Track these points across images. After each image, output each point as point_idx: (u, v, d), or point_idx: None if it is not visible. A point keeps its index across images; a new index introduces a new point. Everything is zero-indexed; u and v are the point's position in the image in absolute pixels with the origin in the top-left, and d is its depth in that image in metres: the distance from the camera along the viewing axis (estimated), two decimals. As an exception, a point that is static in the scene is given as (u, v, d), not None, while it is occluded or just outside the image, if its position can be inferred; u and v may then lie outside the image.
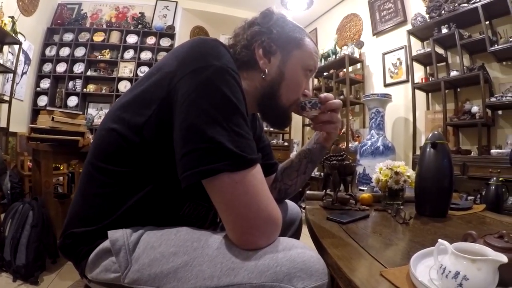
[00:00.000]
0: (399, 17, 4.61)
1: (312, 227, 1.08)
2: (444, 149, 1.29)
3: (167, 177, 0.77)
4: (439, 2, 3.66)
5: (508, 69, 3.29)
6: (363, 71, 5.23)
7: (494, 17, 3.30)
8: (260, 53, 0.96)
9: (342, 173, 1.39)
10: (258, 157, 0.73)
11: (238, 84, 0.76)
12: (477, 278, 0.53)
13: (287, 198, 1.30)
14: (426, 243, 0.91)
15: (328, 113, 1.07)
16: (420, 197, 1.32)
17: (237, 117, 0.71)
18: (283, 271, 0.64)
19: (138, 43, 5.98)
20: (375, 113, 4.06)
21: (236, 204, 0.68)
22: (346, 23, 5.72)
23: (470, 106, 3.37)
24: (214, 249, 0.70)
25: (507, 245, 0.63)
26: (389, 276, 0.66)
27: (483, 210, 1.47)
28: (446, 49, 3.87)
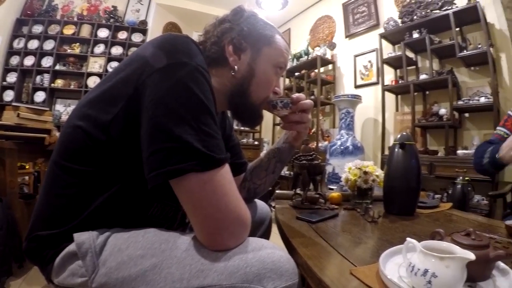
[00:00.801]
0: (372, 20, 4.68)
1: (281, 226, 1.07)
2: (412, 149, 1.31)
3: (134, 177, 0.75)
4: (411, 7, 3.76)
5: (476, 74, 3.41)
6: (335, 72, 5.29)
7: (465, 24, 3.42)
8: (230, 50, 0.94)
9: (311, 173, 1.39)
10: (226, 156, 0.72)
11: (207, 82, 0.74)
12: (446, 275, 0.54)
13: (256, 197, 1.29)
14: (394, 241, 0.92)
15: (299, 113, 1.07)
16: (389, 196, 1.33)
17: (205, 116, 0.70)
18: (253, 272, 0.63)
19: (109, 37, 5.77)
20: (345, 114, 4.13)
21: (204, 204, 0.67)
22: (320, 25, 5.76)
23: (438, 109, 3.47)
24: (182, 251, 0.68)
25: (474, 242, 0.64)
26: (359, 274, 0.65)
27: (450, 208, 1.51)
28: (416, 53, 3.98)
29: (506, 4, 3.05)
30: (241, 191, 1.21)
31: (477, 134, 3.31)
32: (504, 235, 1.05)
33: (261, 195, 1.28)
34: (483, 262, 0.61)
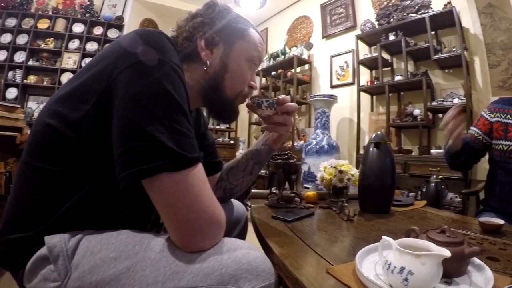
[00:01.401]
0: (349, 22, 4.75)
1: (257, 226, 1.06)
2: (387, 148, 1.33)
3: (106, 177, 0.73)
4: (388, 10, 3.83)
5: (450, 76, 3.53)
6: (311, 72, 5.34)
7: (440, 28, 3.52)
8: (202, 44, 0.92)
9: (287, 172, 1.39)
10: (199, 156, 0.70)
11: (181, 79, 0.73)
12: (422, 273, 0.54)
13: (232, 197, 1.27)
14: (370, 239, 0.93)
15: (283, 115, 1.05)
16: (364, 194, 1.35)
17: (178, 114, 0.68)
18: (228, 273, 0.62)
19: (84, 33, 5.57)
20: (321, 113, 4.17)
21: (177, 205, 0.65)
22: (297, 25, 5.80)
23: (413, 109, 3.56)
24: (156, 253, 0.67)
25: (449, 239, 0.65)
26: (335, 273, 0.65)
27: (424, 206, 1.54)
28: (392, 55, 4.06)
29: (481, 10, 3.15)
30: (217, 191, 1.20)
31: None
32: (477, 232, 1.08)
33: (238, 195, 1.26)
34: (458, 259, 0.62)
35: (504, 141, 1.56)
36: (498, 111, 1.64)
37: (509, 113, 1.59)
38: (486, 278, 0.61)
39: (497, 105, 1.66)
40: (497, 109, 1.65)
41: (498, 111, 1.63)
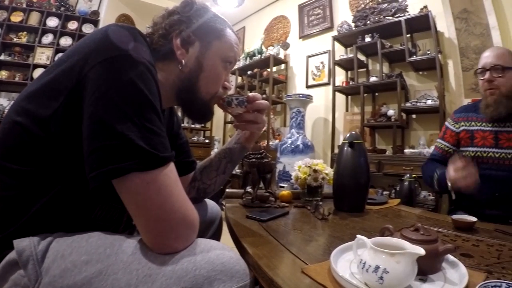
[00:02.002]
0: (326, 23, 4.79)
1: (231, 226, 1.04)
2: (361, 148, 1.34)
3: (76, 177, 0.70)
4: (365, 12, 3.89)
5: (424, 78, 3.64)
6: (287, 72, 5.36)
7: (415, 31, 3.62)
8: (178, 43, 0.89)
9: (261, 171, 1.37)
10: (171, 155, 0.69)
11: (153, 76, 0.71)
12: (397, 271, 0.54)
13: (206, 197, 1.26)
14: (345, 237, 0.93)
15: (254, 113, 1.04)
16: (338, 193, 1.35)
17: (149, 112, 0.67)
18: (202, 275, 0.60)
19: (58, 27, 5.36)
20: (296, 113, 4.20)
21: (148, 206, 0.63)
22: (275, 24, 5.81)
23: (387, 110, 3.63)
24: (128, 255, 0.64)
25: (423, 237, 0.66)
26: (310, 272, 0.64)
27: (398, 204, 1.57)
28: (367, 56, 4.13)
29: (457, 15, 3.26)
30: (191, 191, 1.18)
31: (423, 134, 3.52)
32: (450, 229, 1.10)
33: (212, 195, 1.25)
34: (432, 256, 0.63)
35: (471, 148, 1.61)
36: (462, 120, 1.69)
37: (473, 120, 1.65)
38: (461, 274, 0.62)
39: (460, 115, 1.72)
40: (460, 118, 1.71)
41: (462, 120, 1.69)
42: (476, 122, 1.63)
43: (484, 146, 1.56)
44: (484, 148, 1.56)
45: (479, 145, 1.58)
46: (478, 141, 1.58)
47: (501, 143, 1.52)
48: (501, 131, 1.53)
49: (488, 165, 1.53)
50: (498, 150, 1.52)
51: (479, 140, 1.58)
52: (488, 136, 1.56)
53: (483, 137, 1.57)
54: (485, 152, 1.54)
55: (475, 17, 3.14)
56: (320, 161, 1.51)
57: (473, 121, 1.65)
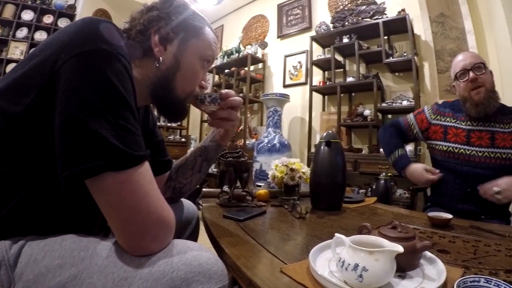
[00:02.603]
0: (305, 23, 4.84)
1: (208, 226, 1.02)
2: (338, 147, 1.35)
3: (48, 178, 0.67)
4: (344, 14, 3.96)
5: (400, 79, 3.75)
6: (264, 71, 5.38)
7: (393, 33, 3.71)
8: (156, 39, 0.87)
9: (238, 170, 1.36)
10: (146, 154, 0.66)
11: (127, 72, 0.68)
12: (376, 269, 0.54)
13: (182, 197, 1.23)
14: (323, 236, 0.92)
15: (227, 110, 1.03)
16: (315, 192, 1.35)
17: (123, 109, 0.64)
18: (180, 277, 0.59)
19: (33, 21, 5.15)
20: (273, 112, 4.22)
21: (122, 206, 0.61)
22: (253, 23, 5.81)
23: (363, 110, 3.71)
24: (103, 258, 0.62)
25: (401, 234, 0.67)
26: (289, 272, 0.63)
27: (375, 202, 1.59)
28: (345, 57, 4.20)
29: (433, 19, 3.37)
30: (166, 191, 1.16)
31: None
32: (427, 226, 1.12)
33: (188, 194, 1.23)
34: (411, 253, 0.63)
35: (444, 142, 1.67)
36: (439, 113, 1.75)
37: (448, 116, 1.72)
38: (439, 270, 0.63)
39: (439, 108, 1.77)
40: (438, 111, 1.76)
41: (439, 114, 1.75)
42: (451, 118, 1.70)
43: (456, 142, 1.62)
44: (456, 144, 1.62)
45: (451, 141, 1.64)
46: (451, 137, 1.65)
47: (472, 141, 1.58)
48: (473, 129, 1.60)
49: (459, 161, 1.60)
50: (469, 147, 1.58)
51: (452, 136, 1.65)
52: (461, 134, 1.62)
53: (456, 134, 1.64)
54: (457, 148, 1.61)
55: (451, 21, 3.26)
56: (297, 160, 1.52)
57: (449, 117, 1.71)
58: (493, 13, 2.98)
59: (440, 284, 0.56)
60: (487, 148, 1.54)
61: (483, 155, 1.55)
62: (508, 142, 1.52)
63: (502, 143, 1.53)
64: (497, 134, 1.55)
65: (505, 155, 1.51)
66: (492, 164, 1.53)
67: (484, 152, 1.55)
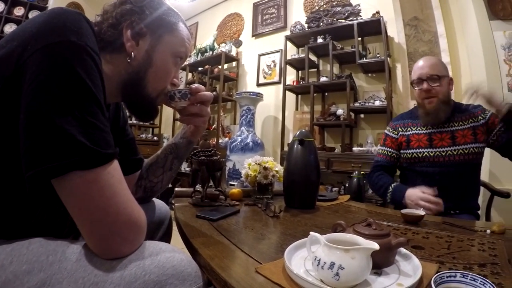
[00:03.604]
0: (280, 22, 4.86)
1: (181, 226, 1.00)
2: (311, 145, 1.35)
3: (13, 178, 0.64)
4: (319, 14, 3.99)
5: (372, 80, 3.83)
6: (238, 69, 5.35)
7: (367, 35, 3.78)
8: (128, 34, 0.83)
9: (210, 169, 1.34)
10: (115, 152, 0.64)
11: (97, 66, 0.65)
12: (352, 266, 0.54)
13: (154, 196, 1.20)
14: (297, 234, 0.92)
15: (198, 105, 1.02)
16: (289, 190, 1.35)
17: (91, 105, 0.61)
18: (152, 280, 0.57)
19: (4, 12, 4.88)
20: (246, 111, 4.21)
21: (91, 207, 0.59)
22: (228, 21, 5.77)
23: (336, 109, 3.76)
24: (73, 262, 0.60)
25: (376, 232, 0.67)
26: (264, 272, 0.63)
27: (348, 200, 1.61)
28: (319, 57, 4.25)
29: (407, 22, 3.48)
30: (137, 190, 1.12)
31: (371, 133, 3.69)
32: (400, 223, 1.15)
33: (160, 194, 1.20)
34: (386, 250, 0.64)
35: (408, 150, 1.74)
36: (399, 126, 1.84)
37: (408, 126, 1.80)
38: (414, 266, 0.64)
39: (397, 122, 1.87)
40: (397, 125, 1.85)
41: (399, 127, 1.83)
42: (412, 127, 1.78)
43: (420, 147, 1.70)
44: (419, 149, 1.69)
45: (415, 147, 1.71)
46: (414, 144, 1.72)
47: (434, 143, 1.67)
48: (434, 132, 1.69)
49: (424, 163, 1.68)
50: (432, 149, 1.66)
51: (415, 142, 1.72)
52: (423, 138, 1.71)
53: (418, 139, 1.72)
54: (421, 153, 1.68)
55: (424, 24, 3.37)
56: (270, 158, 1.52)
57: (409, 126, 1.79)
58: (465, 18, 3.11)
59: (417, 280, 0.57)
60: (449, 147, 1.63)
61: (446, 154, 1.63)
62: (468, 137, 1.61)
63: (463, 139, 1.62)
64: (457, 132, 1.64)
65: (467, 150, 1.60)
66: (456, 161, 1.61)
67: (447, 151, 1.63)
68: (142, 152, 1.18)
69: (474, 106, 1.68)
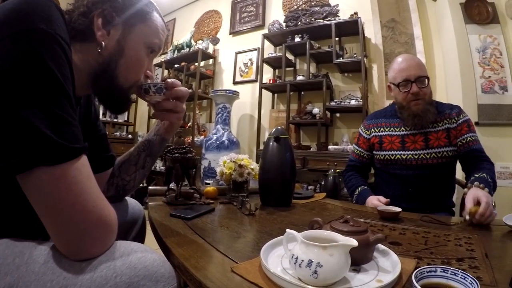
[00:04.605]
0: (258, 21, 4.86)
1: (155, 225, 0.97)
2: (287, 143, 1.34)
3: None
4: (297, 14, 4.02)
5: (348, 79, 3.90)
6: (215, 67, 5.32)
7: (344, 35, 3.85)
8: (99, 23, 0.79)
9: (185, 166, 1.31)
10: (83, 146, 0.60)
11: (66, 56, 0.61)
12: (331, 264, 0.53)
13: (126, 195, 1.16)
14: (274, 232, 0.91)
15: (173, 101, 0.98)
16: (265, 188, 1.34)
17: (59, 97, 0.58)
18: (124, 281, 0.55)
19: None
20: (222, 109, 4.20)
21: (58, 206, 0.56)
22: (206, 18, 5.72)
23: (312, 108, 3.80)
24: (41, 264, 0.57)
25: (353, 228, 0.67)
26: (240, 271, 0.61)
27: (324, 198, 1.61)
28: (296, 56, 4.27)
29: (384, 24, 3.57)
30: (109, 189, 1.08)
31: (346, 132, 3.74)
32: (376, 219, 1.15)
33: (135, 193, 1.17)
34: (364, 246, 0.63)
35: (380, 152, 1.72)
36: (372, 126, 1.80)
37: (381, 126, 1.77)
38: (393, 262, 0.64)
39: (370, 121, 1.83)
40: (371, 125, 1.81)
41: (372, 127, 1.80)
42: (385, 127, 1.75)
43: (392, 149, 1.67)
44: (392, 151, 1.67)
45: (387, 149, 1.69)
46: (386, 146, 1.69)
47: (407, 146, 1.64)
48: (407, 134, 1.66)
49: (397, 165, 1.65)
50: (405, 152, 1.63)
51: (387, 144, 1.69)
52: (396, 141, 1.68)
53: (391, 141, 1.69)
54: (393, 155, 1.66)
55: (401, 27, 3.48)
56: (245, 156, 1.50)
57: (382, 127, 1.76)
58: (441, 21, 3.21)
59: (396, 276, 0.56)
60: (422, 150, 1.60)
61: (419, 157, 1.60)
62: (442, 140, 1.59)
63: (436, 142, 1.59)
64: (430, 134, 1.61)
65: (440, 154, 1.58)
66: (429, 164, 1.59)
67: (420, 155, 1.60)
68: (116, 151, 1.14)
69: (451, 106, 1.67)
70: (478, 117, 2.69)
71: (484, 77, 2.76)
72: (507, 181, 2.64)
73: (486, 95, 2.73)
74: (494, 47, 2.77)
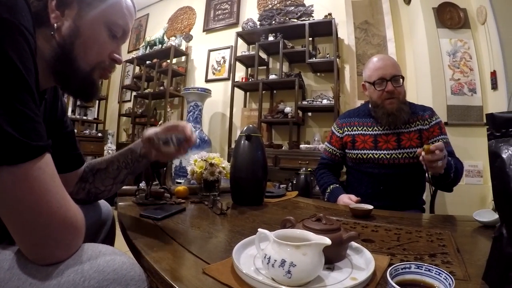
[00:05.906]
0: (232, 19, 4.85)
1: (124, 227, 0.94)
2: (258, 141, 1.34)
3: None
4: (272, 13, 4.04)
5: (321, 79, 3.96)
6: (187, 64, 5.26)
7: (318, 35, 3.91)
8: (52, 5, 0.73)
9: (154, 165, 1.29)
10: (46, 144, 0.57)
11: (30, 48, 0.57)
12: (305, 263, 0.53)
13: (98, 200, 1.12)
14: (246, 232, 0.90)
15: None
16: (236, 187, 1.33)
17: (21, 92, 0.54)
18: (92, 286, 0.53)
19: None
20: (194, 107, 4.17)
21: (20, 207, 0.53)
22: (180, 15, 5.65)
23: (284, 107, 3.83)
24: (5, 270, 0.56)
25: (326, 226, 0.66)
26: (212, 272, 0.60)
27: (296, 196, 1.61)
28: (269, 55, 4.29)
29: (358, 25, 3.66)
30: (79, 192, 1.02)
31: (318, 131, 3.80)
32: (349, 217, 1.16)
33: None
34: (338, 244, 0.63)
35: (353, 151, 1.74)
36: (345, 125, 1.82)
37: (355, 125, 1.79)
38: (366, 259, 0.64)
39: (344, 120, 1.85)
40: (344, 124, 1.83)
41: (345, 126, 1.82)
42: (358, 127, 1.77)
43: (365, 149, 1.69)
44: (364, 150, 1.69)
45: (359, 148, 1.71)
46: (359, 145, 1.72)
47: (380, 145, 1.67)
48: (380, 134, 1.69)
49: (369, 164, 1.68)
50: (377, 151, 1.66)
51: (360, 143, 1.72)
52: (368, 140, 1.70)
53: (364, 140, 1.71)
54: (365, 154, 1.68)
55: (374, 29, 3.58)
56: (216, 154, 1.48)
57: (355, 126, 1.78)
58: (414, 24, 3.30)
59: (370, 273, 0.57)
60: (394, 150, 1.63)
61: (391, 157, 1.63)
62: (414, 141, 1.63)
63: (408, 143, 1.63)
64: (403, 135, 1.65)
65: (411, 154, 1.61)
66: (401, 164, 1.62)
67: (392, 154, 1.63)
68: (86, 149, 1.09)
69: (424, 108, 1.71)
70: (447, 117, 2.79)
71: (453, 79, 2.86)
72: (475, 179, 2.76)
73: (455, 96, 2.84)
74: (464, 51, 2.88)
